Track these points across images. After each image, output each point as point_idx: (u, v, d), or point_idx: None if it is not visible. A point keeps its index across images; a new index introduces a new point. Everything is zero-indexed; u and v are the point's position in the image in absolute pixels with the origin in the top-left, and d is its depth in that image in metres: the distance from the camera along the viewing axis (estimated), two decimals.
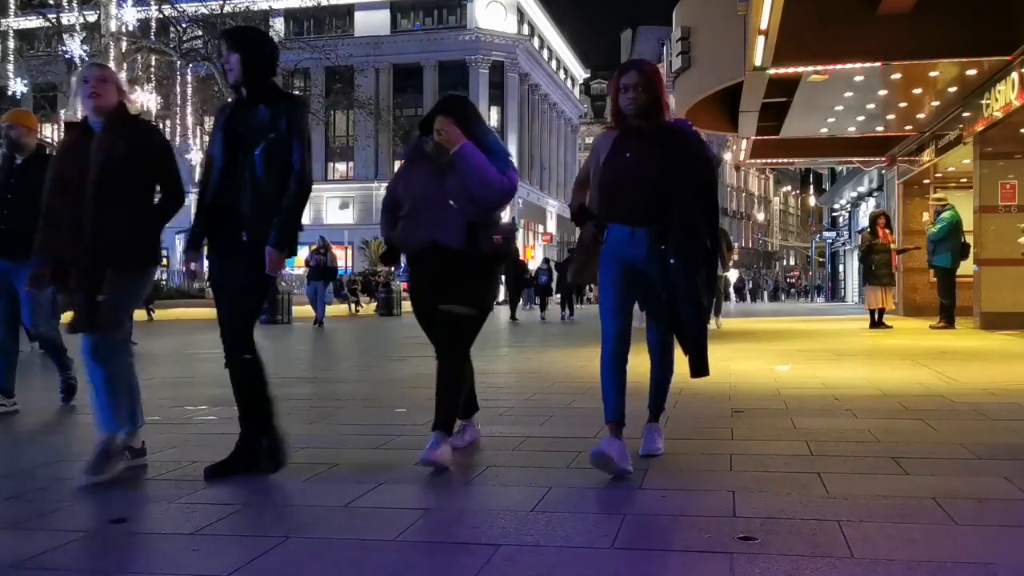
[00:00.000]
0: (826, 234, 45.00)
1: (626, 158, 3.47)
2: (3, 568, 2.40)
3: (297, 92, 44.64)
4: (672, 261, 3.35)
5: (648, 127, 3.48)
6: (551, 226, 58.80)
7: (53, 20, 28.57)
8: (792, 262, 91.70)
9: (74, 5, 27.84)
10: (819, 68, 11.85)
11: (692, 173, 3.45)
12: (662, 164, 3.41)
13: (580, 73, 71.38)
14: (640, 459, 3.65)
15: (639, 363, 3.74)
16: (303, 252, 18.27)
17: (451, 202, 3.65)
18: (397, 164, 50.77)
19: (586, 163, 3.74)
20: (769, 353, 9.25)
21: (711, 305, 3.58)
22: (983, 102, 12.29)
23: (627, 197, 3.46)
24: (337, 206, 50.32)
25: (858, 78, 12.48)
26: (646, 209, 3.42)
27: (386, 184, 4.30)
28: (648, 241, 3.43)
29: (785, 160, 23.90)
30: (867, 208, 25.67)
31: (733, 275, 50.19)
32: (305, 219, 3.66)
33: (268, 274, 3.47)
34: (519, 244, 38.86)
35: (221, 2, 26.84)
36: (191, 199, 3.61)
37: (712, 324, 12.46)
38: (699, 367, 3.50)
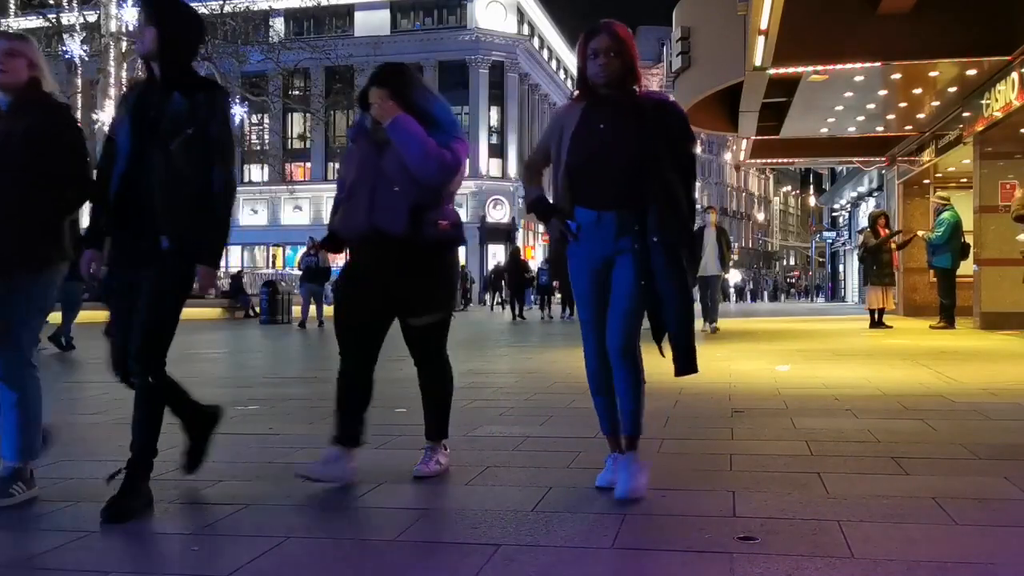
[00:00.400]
0: (826, 234, 45.01)
1: (599, 130, 3.06)
2: (3, 568, 2.40)
3: (298, 93, 44.82)
4: (655, 239, 2.97)
5: (622, 97, 3.08)
6: None
7: (53, 20, 28.57)
8: (792, 262, 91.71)
9: (74, 5, 27.88)
10: (819, 68, 11.85)
11: (675, 151, 3.05)
12: (640, 139, 3.00)
13: None
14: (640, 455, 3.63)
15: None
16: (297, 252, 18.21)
17: (395, 187, 3.27)
18: None
19: (543, 140, 3.28)
20: (769, 353, 9.25)
21: (690, 295, 3.18)
22: (983, 102, 12.29)
23: (598, 175, 3.06)
24: None
25: (858, 78, 12.48)
26: (617, 189, 3.03)
27: None
28: (617, 226, 3.04)
29: (785, 160, 23.90)
30: (867, 208, 25.67)
31: (735, 276, 50.26)
32: (305, 219, 3.63)
33: (201, 289, 3.15)
34: (519, 243, 38.86)
35: (221, 2, 26.83)
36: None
37: (704, 327, 12.43)
38: (687, 363, 3.09)
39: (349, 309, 3.46)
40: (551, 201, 3.18)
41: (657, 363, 3.25)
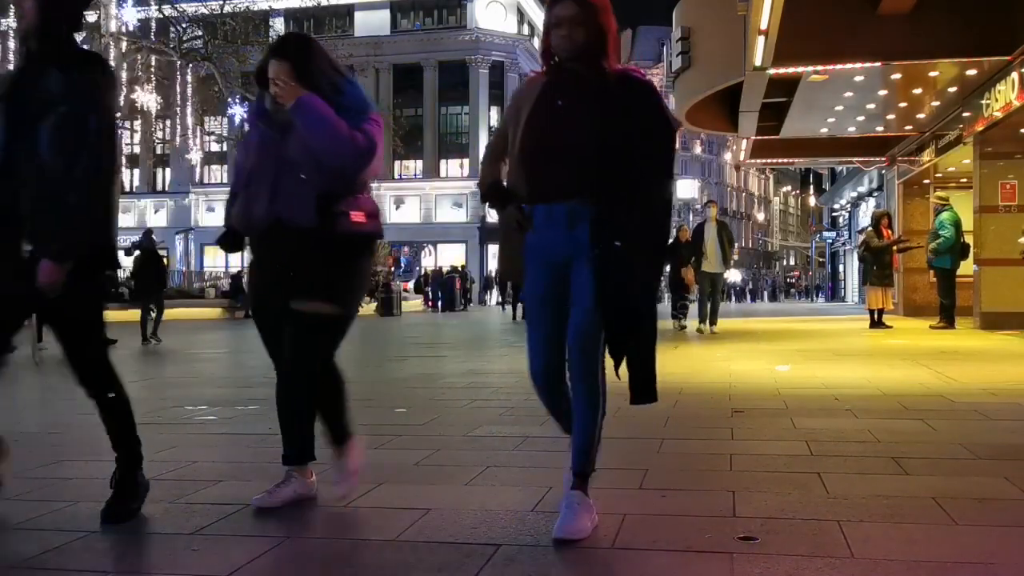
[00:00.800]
0: (826, 234, 45.00)
1: (556, 108, 2.66)
2: (3, 568, 2.40)
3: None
4: (617, 244, 2.53)
5: (588, 72, 2.66)
6: None
7: None
8: (792, 262, 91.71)
9: None
10: (819, 68, 11.86)
11: (646, 136, 2.62)
12: (604, 120, 2.59)
13: None
14: (629, 474, 3.63)
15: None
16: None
17: (300, 174, 2.91)
18: (397, 164, 51.14)
19: (502, 123, 2.88)
20: (769, 353, 9.25)
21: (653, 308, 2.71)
22: (983, 102, 12.30)
23: (552, 161, 2.64)
24: None
25: (858, 78, 12.48)
26: (571, 177, 2.61)
27: (385, 184, 4.06)
28: (568, 222, 2.62)
29: (785, 160, 23.92)
30: (867, 208, 25.68)
31: (734, 275, 50.15)
32: None
33: (41, 287, 2.62)
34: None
35: (221, 2, 26.83)
36: (202, 199, 3.21)
37: (707, 328, 12.33)
38: (645, 390, 2.68)
39: (264, 315, 3.11)
40: (507, 189, 2.80)
41: (656, 363, 3.23)
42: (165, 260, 23.30)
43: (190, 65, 26.86)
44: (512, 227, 2.75)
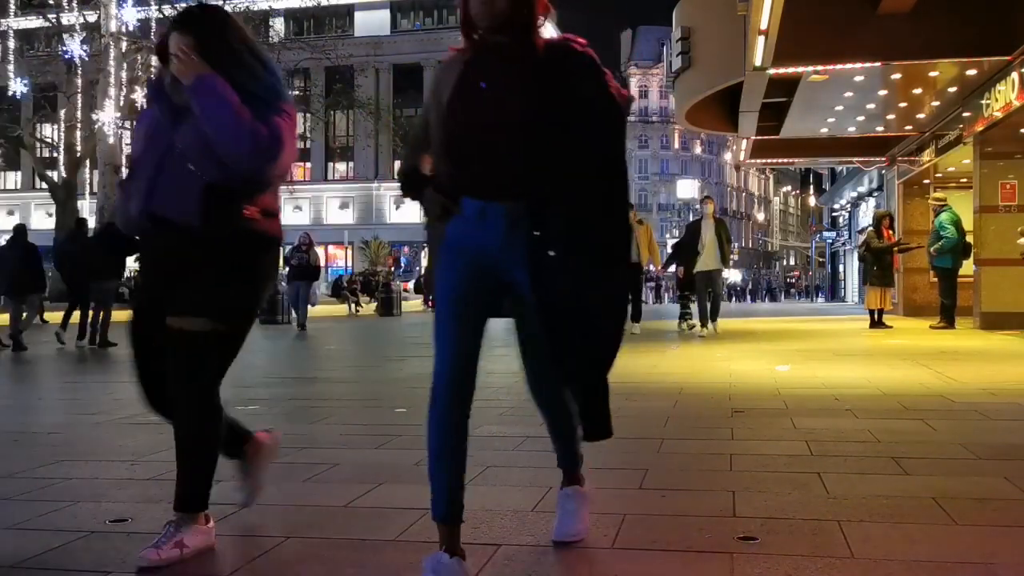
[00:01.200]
0: (826, 234, 45.01)
1: (480, 91, 2.21)
2: (3, 568, 2.40)
3: (298, 93, 44.85)
4: (552, 254, 2.11)
5: (515, 46, 2.22)
6: None
7: (53, 20, 28.59)
8: (792, 262, 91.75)
9: (74, 5, 27.89)
10: (819, 68, 11.86)
11: (589, 118, 2.18)
12: (538, 101, 2.15)
13: None
14: (629, 473, 3.63)
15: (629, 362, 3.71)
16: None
17: (188, 164, 2.50)
18: (397, 164, 51.04)
19: (424, 108, 2.42)
20: (769, 353, 9.24)
21: (617, 332, 2.24)
22: (983, 102, 12.30)
23: (480, 152, 2.20)
24: (337, 206, 50.35)
25: (858, 78, 12.48)
26: (504, 172, 2.19)
27: (386, 184, 3.96)
28: (506, 224, 2.19)
29: (785, 160, 23.93)
30: (867, 208, 25.69)
31: (733, 275, 50.21)
32: (305, 219, 3.46)
33: None
34: None
35: (221, 2, 26.84)
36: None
37: (709, 328, 12.26)
38: (595, 425, 2.27)
39: (138, 337, 2.64)
40: (425, 175, 2.35)
41: (655, 363, 3.24)
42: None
43: None
44: (436, 215, 2.30)
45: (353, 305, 25.77)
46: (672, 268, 15.09)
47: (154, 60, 2.24)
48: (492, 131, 2.19)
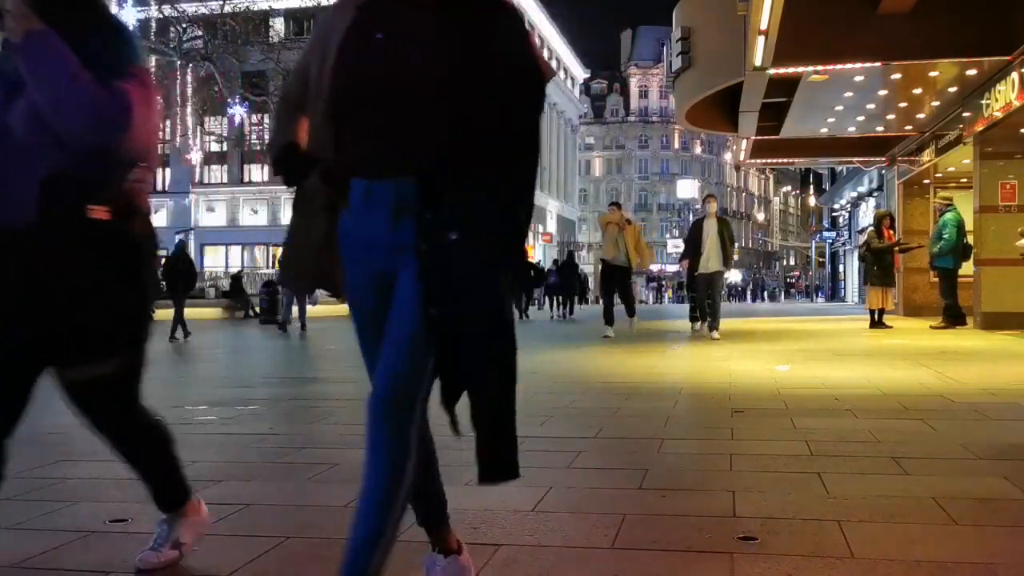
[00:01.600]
0: (826, 234, 45.04)
1: (376, 43, 1.83)
2: (3, 568, 2.40)
3: None
4: (453, 237, 1.73)
5: None
6: (551, 226, 58.92)
7: None
8: (792, 262, 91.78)
9: None
10: (819, 68, 11.87)
11: (506, 83, 1.79)
12: (447, 57, 1.78)
13: (580, 73, 71.48)
14: (629, 473, 3.63)
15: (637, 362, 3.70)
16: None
17: (22, 145, 2.02)
18: None
19: (301, 62, 2.00)
20: (769, 353, 9.25)
21: (512, 335, 1.85)
22: (983, 102, 12.30)
23: (371, 119, 1.82)
24: None
25: (858, 78, 12.49)
26: (397, 143, 1.82)
27: None
28: (394, 206, 1.81)
29: (785, 160, 23.94)
30: (867, 208, 25.70)
31: (733, 275, 50.20)
32: None
33: None
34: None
35: (221, 2, 26.85)
36: (202, 199, 2.73)
37: (701, 329, 12.22)
38: (499, 461, 1.90)
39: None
40: (310, 153, 1.93)
41: (654, 363, 3.23)
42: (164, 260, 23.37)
43: (190, 65, 26.89)
44: (317, 207, 1.93)
45: None
46: (680, 266, 15.15)
47: None
48: (387, 91, 1.81)
